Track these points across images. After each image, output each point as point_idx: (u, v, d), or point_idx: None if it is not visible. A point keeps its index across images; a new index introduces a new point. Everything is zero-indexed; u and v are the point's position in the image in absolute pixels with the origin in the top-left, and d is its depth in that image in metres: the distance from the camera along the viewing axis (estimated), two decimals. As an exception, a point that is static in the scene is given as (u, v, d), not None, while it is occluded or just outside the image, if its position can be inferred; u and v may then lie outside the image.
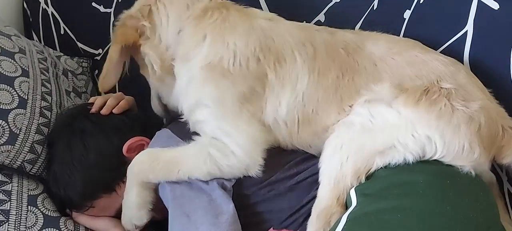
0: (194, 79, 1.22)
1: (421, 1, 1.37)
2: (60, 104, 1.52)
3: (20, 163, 1.37)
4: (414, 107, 1.12)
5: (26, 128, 1.37)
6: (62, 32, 1.92)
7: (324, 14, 1.55)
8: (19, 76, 1.41)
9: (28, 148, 1.37)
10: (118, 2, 1.79)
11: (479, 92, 1.16)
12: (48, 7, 1.92)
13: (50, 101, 1.47)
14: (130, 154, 1.35)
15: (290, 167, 1.24)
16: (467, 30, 1.26)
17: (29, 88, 1.42)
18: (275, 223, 1.22)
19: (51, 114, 1.45)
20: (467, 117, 1.11)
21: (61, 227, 1.35)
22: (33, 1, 1.95)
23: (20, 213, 1.30)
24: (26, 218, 1.30)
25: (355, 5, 1.52)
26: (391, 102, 1.14)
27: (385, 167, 1.11)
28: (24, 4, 1.98)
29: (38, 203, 1.35)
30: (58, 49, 1.92)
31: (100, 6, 1.84)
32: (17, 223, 1.28)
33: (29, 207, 1.32)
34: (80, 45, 1.91)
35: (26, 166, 1.38)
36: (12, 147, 1.34)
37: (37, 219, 1.32)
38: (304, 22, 1.48)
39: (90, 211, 1.38)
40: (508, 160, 1.15)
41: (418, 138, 1.10)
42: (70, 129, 1.39)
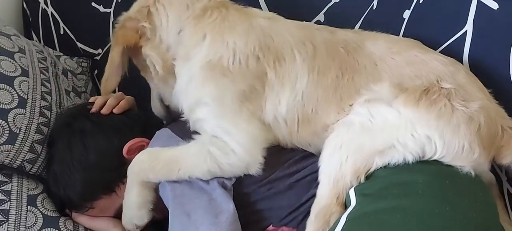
0: (194, 78, 1.22)
1: (420, 1, 1.37)
2: (60, 104, 1.52)
3: (20, 162, 1.37)
4: (414, 107, 1.11)
5: (25, 127, 1.37)
6: (61, 32, 1.92)
7: (324, 14, 1.55)
8: (19, 76, 1.41)
9: (28, 148, 1.37)
10: (117, 2, 1.79)
11: (479, 92, 1.16)
12: (48, 7, 1.92)
13: (50, 101, 1.47)
14: (130, 155, 1.34)
15: (289, 165, 1.24)
16: (466, 30, 1.26)
17: (28, 88, 1.42)
18: (274, 221, 1.22)
19: (51, 114, 1.45)
20: (466, 117, 1.11)
21: (60, 227, 1.34)
22: (32, 1, 1.95)
23: (19, 213, 1.30)
24: (26, 218, 1.30)
25: (355, 5, 1.52)
26: (391, 102, 1.14)
27: (385, 166, 1.11)
28: (24, 4, 1.98)
29: (37, 203, 1.34)
30: (57, 49, 1.92)
31: (100, 6, 1.84)
32: (16, 223, 1.28)
33: (29, 207, 1.32)
34: (79, 45, 1.90)
35: (25, 165, 1.38)
36: (12, 146, 1.34)
37: (37, 219, 1.32)
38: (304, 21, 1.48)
39: (89, 211, 1.38)
40: (507, 160, 1.15)
41: (418, 137, 1.10)
42: (70, 128, 1.39)
